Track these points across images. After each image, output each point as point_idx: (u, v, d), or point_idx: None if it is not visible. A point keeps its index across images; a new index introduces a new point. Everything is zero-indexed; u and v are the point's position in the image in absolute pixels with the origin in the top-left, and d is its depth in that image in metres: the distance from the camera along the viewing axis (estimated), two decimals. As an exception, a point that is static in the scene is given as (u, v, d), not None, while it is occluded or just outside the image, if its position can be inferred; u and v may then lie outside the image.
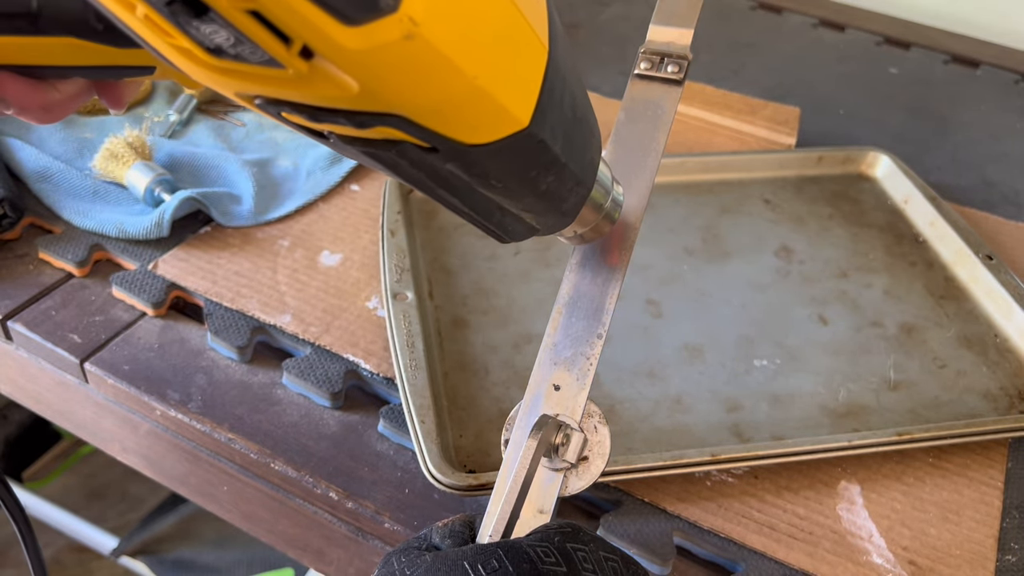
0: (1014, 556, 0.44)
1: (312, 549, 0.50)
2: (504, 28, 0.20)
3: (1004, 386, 0.52)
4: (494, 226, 0.27)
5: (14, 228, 0.57)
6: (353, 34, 0.16)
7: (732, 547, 0.43)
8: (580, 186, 0.28)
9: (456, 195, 0.24)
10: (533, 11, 0.22)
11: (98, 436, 0.56)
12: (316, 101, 0.19)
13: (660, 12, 0.40)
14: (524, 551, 0.28)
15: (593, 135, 0.28)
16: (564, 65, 0.24)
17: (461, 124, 0.21)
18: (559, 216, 0.29)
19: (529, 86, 0.22)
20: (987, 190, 0.72)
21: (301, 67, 0.17)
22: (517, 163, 0.24)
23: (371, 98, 0.18)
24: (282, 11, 0.15)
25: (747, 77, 0.86)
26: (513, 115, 0.22)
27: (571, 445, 0.35)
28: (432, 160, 0.22)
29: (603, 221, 0.33)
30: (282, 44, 0.16)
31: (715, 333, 0.54)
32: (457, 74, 0.19)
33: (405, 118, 0.19)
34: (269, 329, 0.52)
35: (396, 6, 0.16)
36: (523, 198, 0.26)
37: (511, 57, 0.21)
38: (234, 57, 0.17)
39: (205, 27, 0.16)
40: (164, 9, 0.16)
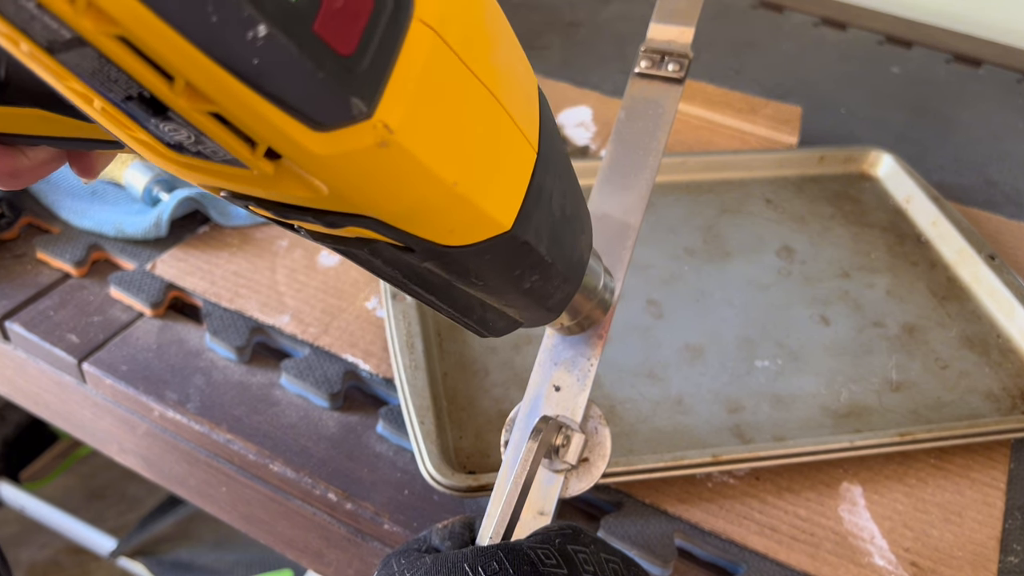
0: (1016, 557, 0.44)
1: (311, 550, 0.50)
2: (489, 132, 0.19)
3: (1006, 386, 0.52)
4: (474, 322, 0.26)
5: (12, 228, 0.56)
6: (322, 139, 0.15)
7: (733, 549, 0.43)
8: (567, 283, 0.27)
9: (434, 292, 0.23)
10: (523, 109, 0.21)
11: (96, 437, 0.56)
12: (283, 199, 0.17)
13: (661, 10, 0.40)
14: (525, 553, 0.28)
15: (583, 231, 0.27)
16: (555, 163, 0.23)
17: (438, 228, 0.19)
18: (544, 312, 0.27)
19: (514, 189, 0.21)
20: (989, 189, 0.72)
21: (266, 169, 0.16)
22: (499, 263, 0.22)
23: (341, 201, 0.17)
24: (245, 115, 0.14)
25: (748, 76, 0.85)
26: (495, 219, 0.20)
27: (571, 446, 0.35)
28: (408, 259, 0.21)
29: (594, 311, 0.32)
30: (246, 146, 0.15)
31: (716, 333, 0.54)
32: (435, 181, 0.18)
33: (378, 220, 0.18)
34: (268, 329, 0.52)
35: (370, 112, 0.15)
36: (505, 295, 0.24)
37: (495, 162, 0.20)
38: (195, 155, 0.16)
39: (164, 125, 0.15)
40: (120, 105, 0.15)
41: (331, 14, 0.14)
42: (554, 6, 0.95)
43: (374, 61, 0.15)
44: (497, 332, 0.27)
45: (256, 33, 0.13)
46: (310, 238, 0.20)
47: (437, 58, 0.17)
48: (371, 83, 0.15)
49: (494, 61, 0.19)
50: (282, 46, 0.14)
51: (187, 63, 0.13)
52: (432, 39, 0.16)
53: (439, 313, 0.25)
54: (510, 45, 0.20)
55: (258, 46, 0.13)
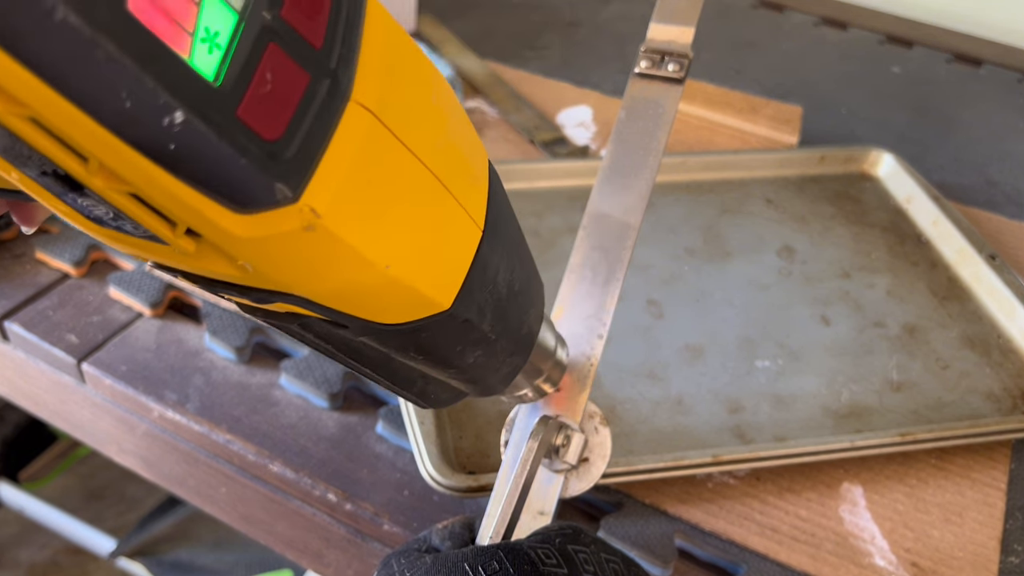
0: (1017, 558, 0.44)
1: (311, 551, 0.50)
2: (428, 213, 0.18)
3: (1007, 387, 0.52)
4: (415, 395, 0.25)
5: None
6: (244, 222, 0.14)
7: (734, 549, 0.43)
8: (514, 357, 0.26)
9: (369, 365, 0.22)
10: (468, 187, 0.20)
11: (95, 437, 0.56)
12: (208, 275, 0.17)
13: (661, 10, 0.40)
14: (525, 553, 0.27)
15: (533, 305, 0.26)
16: (503, 238, 0.22)
17: (371, 308, 0.19)
18: (490, 384, 0.27)
19: (454, 269, 0.20)
20: (990, 189, 0.72)
21: (187, 247, 0.15)
22: (438, 340, 0.21)
23: (267, 280, 0.16)
24: (163, 197, 0.14)
25: (749, 76, 0.85)
26: (432, 299, 0.19)
27: (572, 446, 0.34)
28: (342, 334, 0.20)
29: (543, 385, 0.31)
30: (166, 224, 0.15)
31: (716, 333, 0.54)
32: (365, 264, 0.17)
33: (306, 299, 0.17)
34: (267, 329, 0.52)
35: (296, 197, 0.15)
36: (447, 369, 0.23)
37: (434, 242, 0.19)
38: (116, 228, 0.16)
39: (82, 200, 0.15)
40: (38, 179, 0.15)
41: (257, 99, 0.14)
42: (554, 6, 0.95)
43: (303, 145, 0.15)
44: (440, 404, 0.27)
45: (172, 119, 0.13)
46: (240, 311, 0.19)
47: (374, 141, 0.16)
48: (298, 168, 0.15)
49: (437, 140, 0.18)
50: (200, 132, 0.13)
51: (100, 146, 0.13)
52: (369, 121, 0.16)
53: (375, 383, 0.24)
54: (458, 120, 0.20)
55: (175, 132, 0.13)
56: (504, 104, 0.73)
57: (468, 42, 0.81)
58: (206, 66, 0.13)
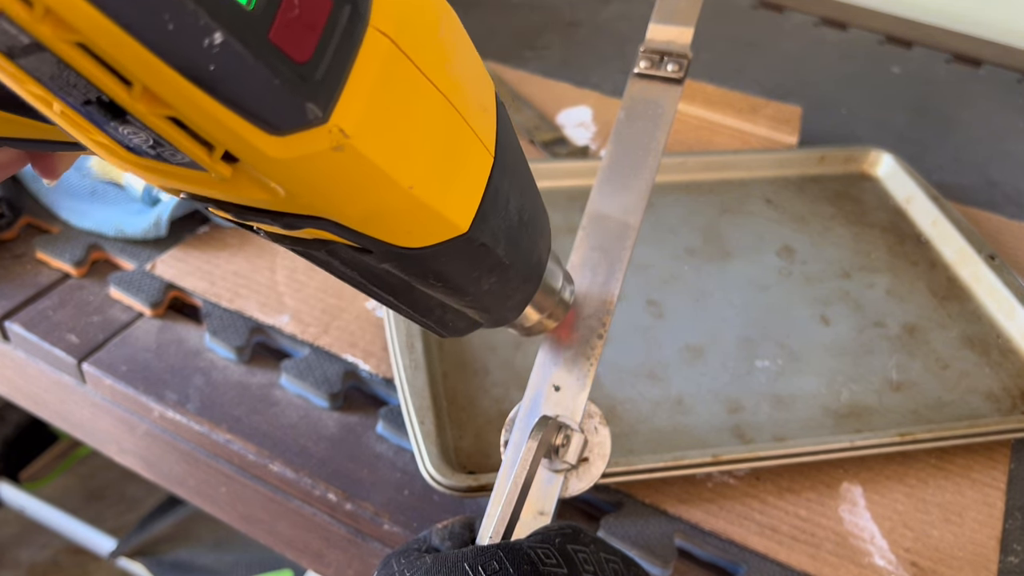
0: (1016, 557, 0.44)
1: (311, 551, 0.50)
2: (445, 136, 0.19)
3: (1007, 387, 0.52)
4: (433, 322, 0.26)
5: (11, 228, 0.56)
6: (278, 143, 0.15)
7: (733, 549, 0.43)
8: (526, 284, 0.27)
9: (392, 293, 0.23)
10: (479, 115, 0.21)
11: (96, 437, 0.56)
12: (241, 201, 0.18)
13: (660, 10, 0.40)
14: (525, 552, 0.28)
15: (542, 235, 0.27)
16: (512, 167, 0.23)
17: (395, 230, 0.20)
18: (504, 312, 0.28)
19: (470, 193, 0.21)
20: (990, 190, 0.72)
21: (224, 171, 0.16)
22: (456, 265, 0.23)
23: (298, 203, 0.17)
24: (202, 119, 0.15)
25: (748, 76, 0.85)
26: (451, 222, 0.21)
27: (571, 446, 0.34)
28: (366, 260, 0.21)
29: (555, 311, 0.32)
30: (204, 149, 0.15)
31: (716, 333, 0.54)
32: (391, 185, 0.18)
33: (335, 222, 0.19)
34: (267, 330, 0.52)
35: (326, 117, 0.16)
36: (464, 296, 0.25)
37: (451, 165, 0.20)
38: (154, 157, 0.16)
39: (123, 128, 0.15)
40: (80, 108, 0.15)
41: (286, 23, 0.15)
42: (554, 6, 0.95)
43: (330, 67, 0.15)
44: (457, 332, 0.28)
45: (212, 40, 0.14)
46: (269, 239, 0.20)
47: (392, 64, 0.17)
48: (326, 89, 0.16)
49: (449, 68, 0.19)
50: (238, 53, 0.14)
51: (145, 69, 0.14)
52: (387, 46, 0.17)
53: (398, 313, 0.25)
54: (466, 52, 0.21)
55: (214, 53, 0.14)
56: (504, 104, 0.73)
57: (468, 42, 0.81)
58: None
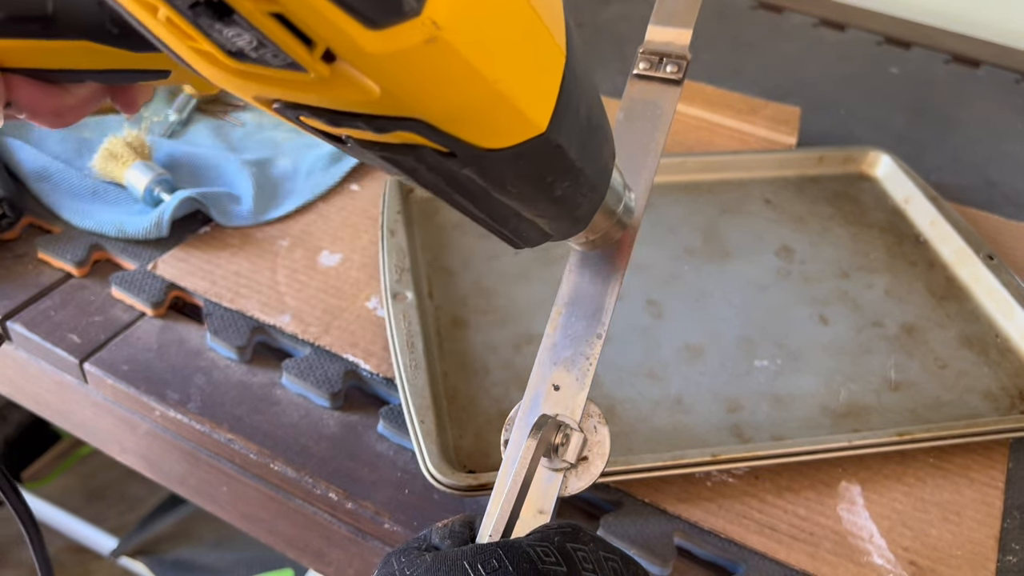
0: (1015, 557, 0.44)
1: (311, 550, 0.50)
2: (524, 32, 0.20)
3: (1005, 386, 0.52)
4: (509, 231, 0.27)
5: (13, 228, 0.57)
6: (375, 37, 0.16)
7: (732, 548, 0.43)
8: (594, 192, 0.28)
9: (472, 200, 0.24)
10: (551, 15, 0.22)
11: (97, 436, 0.56)
12: (336, 105, 0.18)
13: (659, 12, 0.40)
14: (524, 551, 0.28)
15: (607, 141, 0.28)
16: (580, 71, 0.24)
17: (480, 129, 0.21)
18: (572, 222, 0.29)
19: (547, 91, 0.22)
20: (988, 190, 0.72)
21: (323, 71, 0.17)
22: (533, 168, 0.24)
23: (392, 102, 0.18)
24: (306, 14, 0.15)
25: (747, 77, 0.85)
26: (531, 120, 0.22)
27: (571, 445, 0.35)
28: (450, 165, 0.22)
29: (615, 227, 0.33)
30: (305, 47, 0.16)
31: (716, 333, 0.54)
32: (478, 79, 0.19)
33: (425, 122, 0.19)
34: (268, 329, 0.52)
35: (419, 9, 0.16)
36: (538, 203, 0.26)
37: (531, 62, 0.21)
38: (256, 60, 0.17)
39: (228, 30, 0.16)
40: (187, 12, 0.16)
41: None
42: (554, 7, 0.95)
43: None
44: (529, 242, 0.29)
45: None
46: (357, 148, 0.21)
47: None
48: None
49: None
50: None
51: None
52: None
53: (475, 222, 0.26)
54: None
55: None
56: (504, 105, 0.73)
57: (468, 43, 0.81)
58: None
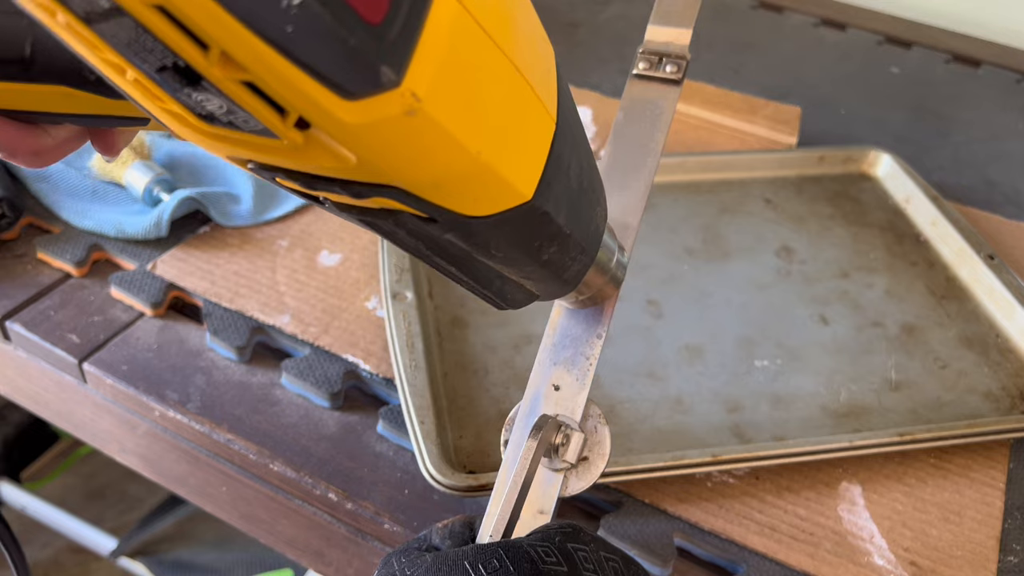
0: (1016, 557, 0.44)
1: (311, 550, 0.50)
2: (511, 101, 0.20)
3: (1006, 386, 0.52)
4: (493, 294, 0.26)
5: (12, 228, 0.57)
6: (352, 108, 0.15)
7: (733, 548, 0.43)
8: (584, 255, 0.28)
9: (454, 263, 0.24)
10: (542, 80, 0.21)
11: (97, 436, 0.56)
12: (311, 170, 0.18)
13: (658, 12, 0.40)
14: (525, 551, 0.28)
15: (599, 203, 0.27)
16: (572, 134, 0.23)
17: (462, 197, 0.20)
18: (561, 284, 0.28)
19: (534, 159, 0.21)
20: (988, 190, 0.72)
21: (296, 138, 0.16)
22: (519, 234, 0.23)
23: (369, 170, 0.17)
24: (278, 84, 0.15)
25: (748, 76, 0.85)
26: (516, 189, 0.21)
27: (571, 445, 0.35)
28: (431, 230, 0.21)
29: (606, 287, 0.32)
30: (277, 115, 0.15)
31: (716, 333, 0.54)
32: (460, 150, 0.18)
33: (403, 190, 0.19)
34: (268, 329, 0.52)
35: (398, 81, 0.16)
36: (524, 267, 0.25)
37: (517, 131, 0.20)
38: (227, 125, 0.16)
39: (197, 95, 0.16)
40: (154, 75, 0.15)
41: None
42: (554, 6, 0.95)
43: (402, 30, 0.15)
44: (515, 304, 0.28)
45: (290, 1, 0.14)
46: (335, 210, 0.20)
47: (461, 28, 0.17)
48: (399, 52, 0.16)
49: (515, 32, 0.19)
50: (315, 14, 0.14)
51: (223, 32, 0.14)
52: (457, 9, 0.17)
53: (458, 284, 0.26)
54: (529, 16, 0.21)
55: (292, 14, 0.14)
56: (504, 104, 0.73)
57: (468, 43, 0.81)
58: None
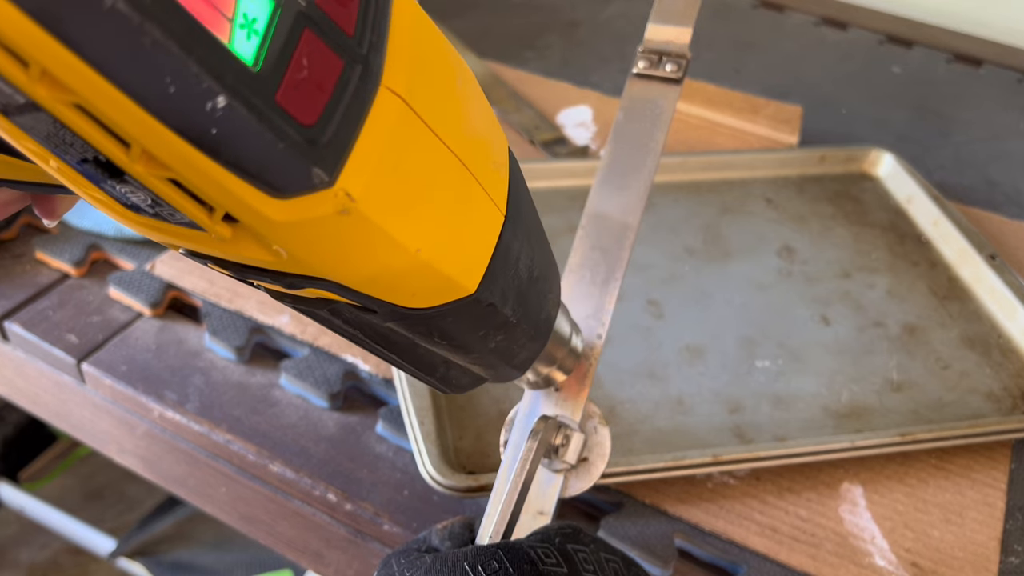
0: (1017, 558, 0.44)
1: (311, 551, 0.50)
2: (455, 197, 0.19)
3: (1007, 387, 0.52)
4: (437, 380, 0.26)
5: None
6: (281, 206, 0.15)
7: (734, 549, 0.43)
8: (533, 342, 0.27)
9: (395, 351, 0.23)
10: (490, 175, 0.20)
11: (95, 437, 0.56)
12: (242, 261, 0.17)
13: (658, 11, 0.40)
14: (525, 552, 0.27)
15: (551, 291, 0.27)
16: (523, 226, 0.23)
17: (400, 292, 0.19)
18: (510, 369, 0.27)
19: (479, 253, 0.21)
20: (990, 189, 0.72)
21: (224, 232, 0.15)
22: (463, 324, 0.22)
23: (300, 265, 0.17)
24: (203, 182, 0.14)
25: (749, 76, 0.85)
26: (458, 283, 0.20)
27: (571, 446, 0.34)
28: (369, 319, 0.20)
29: (558, 371, 0.32)
30: (204, 210, 0.15)
31: (716, 333, 0.54)
32: (397, 248, 0.17)
33: (338, 283, 0.18)
34: (267, 329, 0.52)
35: (331, 181, 0.15)
36: (469, 354, 0.24)
37: (461, 226, 0.19)
38: (153, 216, 0.16)
39: (121, 187, 0.15)
40: (77, 167, 0.15)
41: (294, 84, 0.14)
42: (554, 6, 0.95)
43: (338, 130, 0.15)
44: (460, 389, 0.27)
45: (215, 104, 0.13)
46: (270, 296, 0.20)
47: (404, 126, 0.16)
48: (333, 152, 0.15)
49: (462, 126, 0.19)
50: (242, 117, 0.14)
51: (144, 132, 0.13)
52: (399, 107, 0.16)
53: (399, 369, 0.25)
54: (480, 109, 0.20)
55: (217, 116, 0.13)
56: (504, 104, 0.73)
57: (468, 42, 0.81)
58: (246, 51, 0.13)
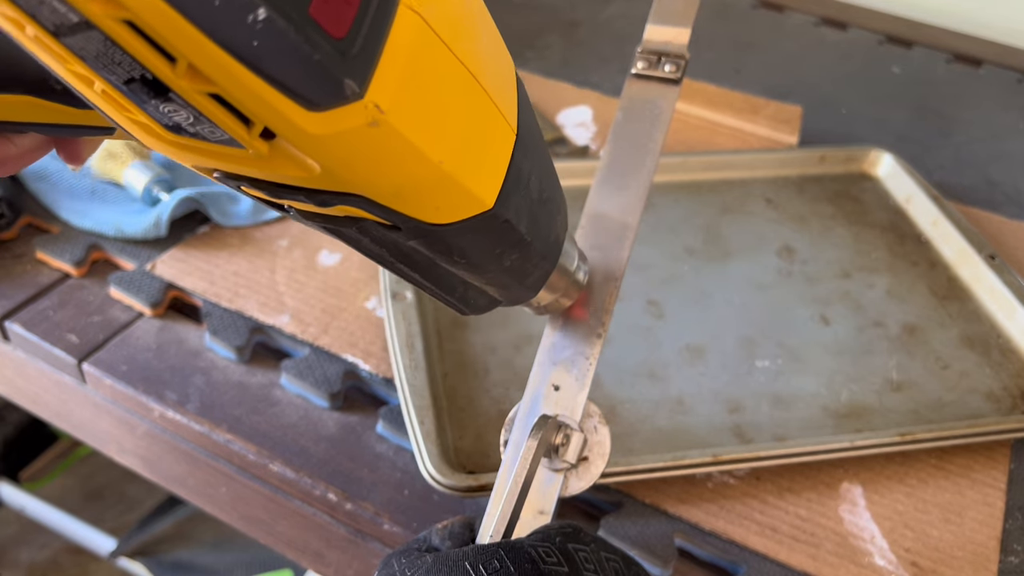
0: (1016, 557, 0.44)
1: (311, 551, 0.50)
2: (472, 113, 0.20)
3: (1007, 386, 0.52)
4: (456, 299, 0.27)
5: (11, 228, 0.56)
6: (316, 119, 0.16)
7: (734, 549, 0.43)
8: (545, 262, 0.28)
9: (418, 270, 0.24)
10: (503, 93, 0.21)
11: (96, 437, 0.56)
12: (276, 179, 0.18)
13: (657, 11, 0.40)
14: (525, 551, 0.28)
15: (559, 212, 0.28)
16: (532, 145, 0.24)
17: (424, 206, 0.20)
18: (523, 290, 0.29)
19: (495, 169, 0.22)
20: (990, 189, 0.72)
21: (261, 148, 0.16)
22: (481, 242, 0.23)
23: (333, 179, 0.18)
24: (244, 95, 0.15)
25: (749, 76, 0.85)
26: (478, 198, 0.21)
27: (571, 445, 0.35)
28: (394, 237, 0.21)
29: (564, 296, 0.33)
30: (243, 125, 0.16)
31: (716, 333, 0.54)
32: (422, 160, 0.18)
33: (367, 198, 0.19)
34: (267, 329, 0.52)
35: (362, 93, 0.16)
36: (486, 273, 0.26)
37: (478, 142, 0.21)
38: (193, 135, 0.17)
39: (164, 106, 0.16)
40: (122, 87, 0.16)
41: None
42: (554, 6, 0.95)
43: (365, 44, 0.16)
44: (478, 310, 0.28)
45: (256, 16, 0.14)
46: (300, 218, 0.21)
47: (422, 41, 0.17)
48: (363, 65, 0.16)
49: (475, 45, 0.20)
50: (280, 29, 0.14)
51: (190, 45, 0.14)
52: (418, 23, 0.17)
53: (421, 290, 0.26)
54: (489, 31, 0.21)
55: (257, 29, 0.14)
56: (504, 104, 0.73)
57: (468, 42, 0.81)
58: None
